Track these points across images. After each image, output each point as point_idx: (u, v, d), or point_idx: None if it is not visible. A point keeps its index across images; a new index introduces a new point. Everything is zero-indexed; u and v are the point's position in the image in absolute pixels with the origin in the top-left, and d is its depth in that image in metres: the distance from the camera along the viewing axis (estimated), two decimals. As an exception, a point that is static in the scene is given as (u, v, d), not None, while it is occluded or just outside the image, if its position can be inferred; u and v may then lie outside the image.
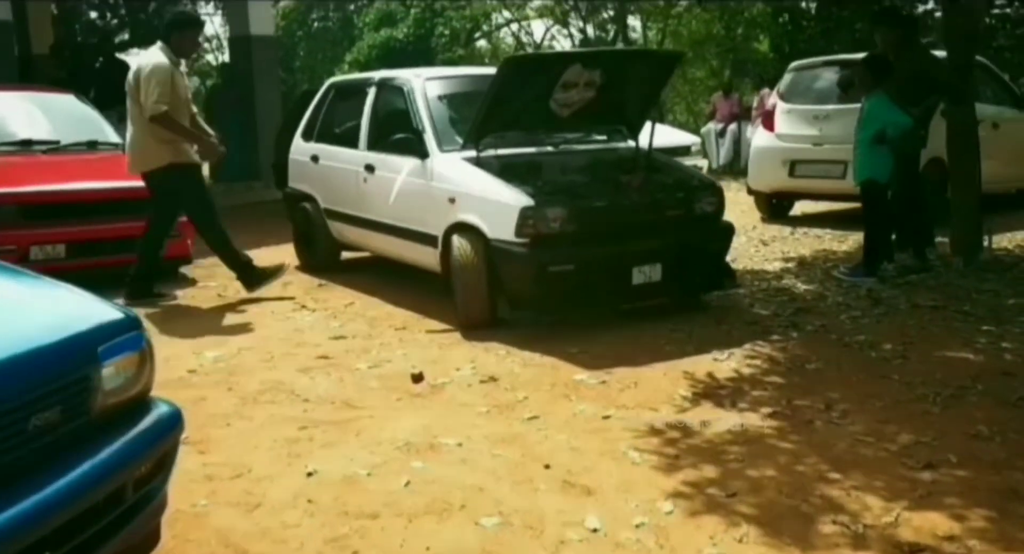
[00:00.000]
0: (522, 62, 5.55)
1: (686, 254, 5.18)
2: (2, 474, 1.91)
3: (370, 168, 6.00)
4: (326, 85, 7.25)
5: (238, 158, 10.29)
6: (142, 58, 5.87)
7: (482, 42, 27.58)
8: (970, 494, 2.93)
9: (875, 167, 6.01)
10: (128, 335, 2.29)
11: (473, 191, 5.12)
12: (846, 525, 2.74)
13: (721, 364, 4.41)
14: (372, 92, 6.35)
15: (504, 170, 5.20)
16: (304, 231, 6.97)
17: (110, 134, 7.60)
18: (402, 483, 3.11)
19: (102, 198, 6.52)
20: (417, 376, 4.26)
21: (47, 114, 7.57)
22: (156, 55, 5.68)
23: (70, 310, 2.34)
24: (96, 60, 12.46)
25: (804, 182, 8.61)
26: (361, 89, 6.54)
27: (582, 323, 4.98)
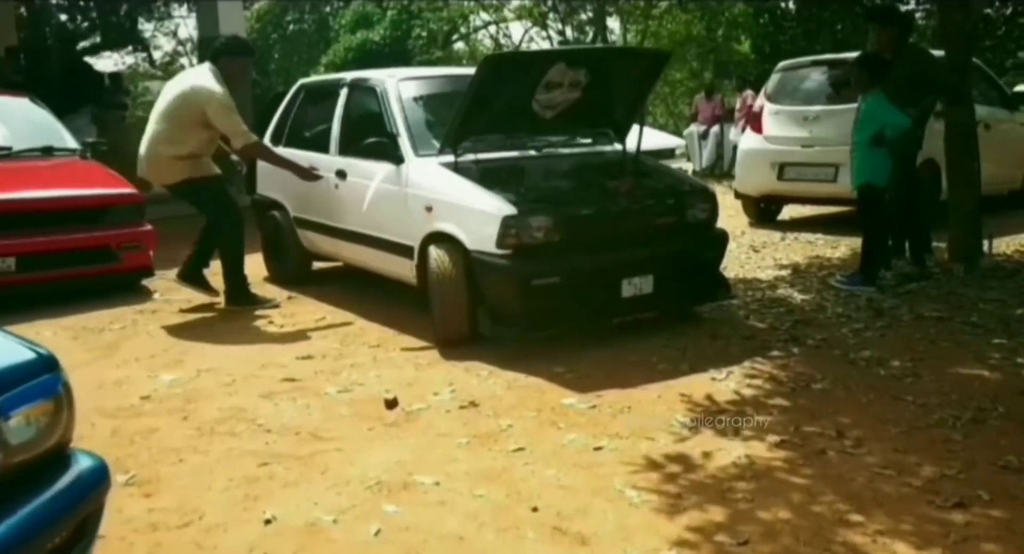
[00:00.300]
0: (503, 61, 5.20)
1: (679, 264, 4.86)
2: None
3: (342, 174, 5.64)
4: (296, 86, 6.88)
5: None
6: (194, 78, 5.55)
7: (460, 44, 27.24)
8: (1010, 539, 2.62)
9: (874, 170, 5.72)
10: (40, 379, 1.93)
11: (451, 199, 4.78)
12: (875, 578, 2.43)
13: (719, 384, 4.09)
14: (344, 94, 5.99)
15: (484, 176, 4.86)
16: (273, 240, 6.59)
17: (68, 140, 7.19)
18: (372, 531, 2.77)
19: (57, 207, 6.14)
20: (391, 402, 3.92)
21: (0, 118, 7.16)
22: (209, 80, 5.42)
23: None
24: (60, 63, 12.00)
25: (794, 185, 8.33)
26: (333, 90, 6.17)
27: (568, 339, 4.65)
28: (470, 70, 5.33)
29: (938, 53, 6.42)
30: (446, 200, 4.80)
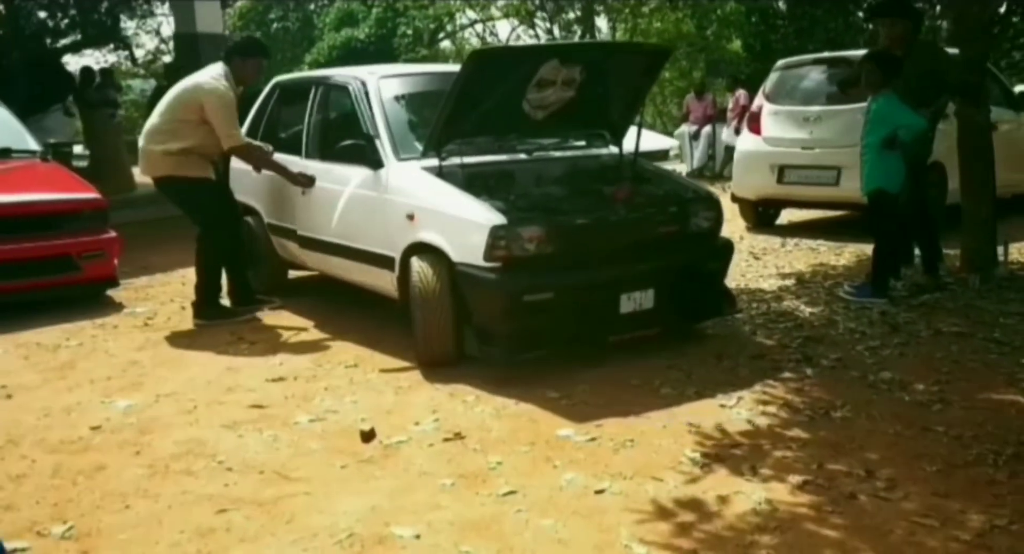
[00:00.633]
0: (491, 56, 4.80)
1: (681, 277, 4.49)
2: None
3: (317, 178, 5.24)
4: (271, 84, 6.46)
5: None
6: (201, 75, 5.31)
7: (446, 43, 26.83)
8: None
9: (886, 175, 5.36)
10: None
11: (434, 206, 4.39)
12: None
13: (730, 412, 3.72)
14: (321, 92, 5.59)
15: (471, 181, 4.48)
16: (246, 249, 6.16)
17: (28, 141, 6.78)
18: (341, 600, 2.39)
19: (11, 213, 5.73)
20: (367, 433, 3.53)
21: (-47, 118, 6.74)
22: (215, 77, 5.22)
23: None
24: (27, 60, 11.53)
25: (794, 189, 7.97)
26: (310, 89, 5.76)
27: (562, 359, 4.27)
28: (455, 67, 4.94)
29: (952, 51, 6.07)
30: (429, 208, 4.42)
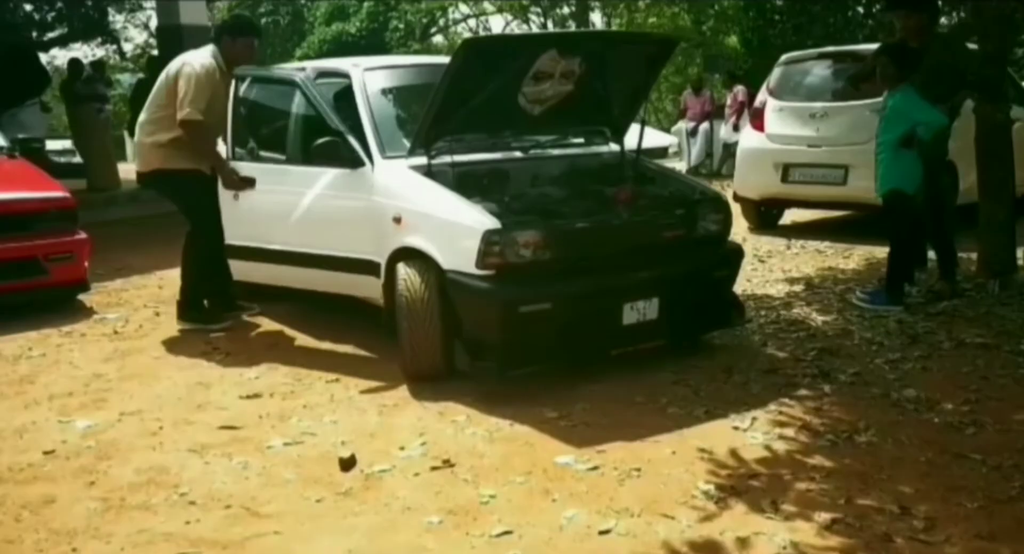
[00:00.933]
0: (485, 46, 4.47)
1: (688, 285, 4.18)
2: None
3: (295, 178, 4.88)
4: (234, 78, 6.04)
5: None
6: (188, 56, 5.02)
7: (439, 37, 26.50)
8: None
9: (903, 175, 5.05)
10: None
11: (422, 208, 4.06)
12: None
13: (744, 435, 3.41)
14: (299, 86, 5.21)
15: (462, 182, 4.16)
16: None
17: (-6, 136, 6.44)
18: None
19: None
20: (347, 461, 3.21)
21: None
22: (204, 57, 4.97)
23: None
24: (1, 53, 11.15)
25: (799, 188, 7.65)
26: (282, 83, 5.35)
27: (560, 374, 3.95)
28: (445, 59, 4.60)
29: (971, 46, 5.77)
30: (417, 210, 4.09)
